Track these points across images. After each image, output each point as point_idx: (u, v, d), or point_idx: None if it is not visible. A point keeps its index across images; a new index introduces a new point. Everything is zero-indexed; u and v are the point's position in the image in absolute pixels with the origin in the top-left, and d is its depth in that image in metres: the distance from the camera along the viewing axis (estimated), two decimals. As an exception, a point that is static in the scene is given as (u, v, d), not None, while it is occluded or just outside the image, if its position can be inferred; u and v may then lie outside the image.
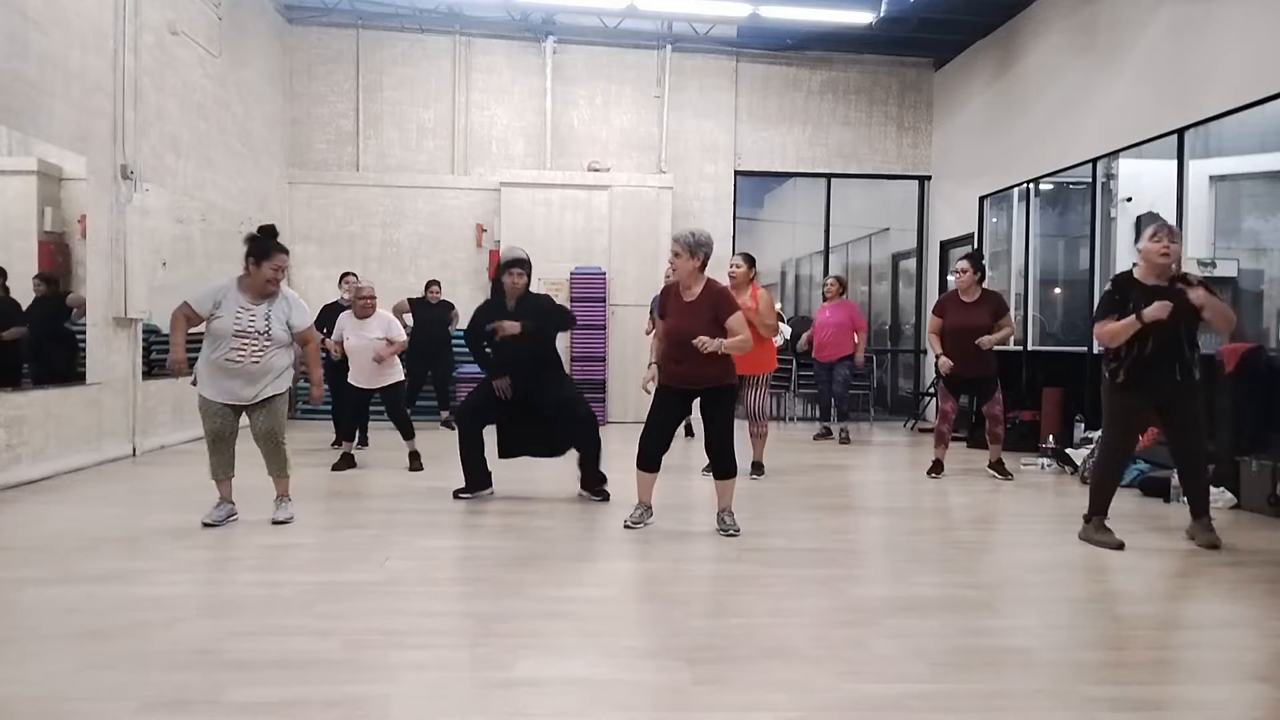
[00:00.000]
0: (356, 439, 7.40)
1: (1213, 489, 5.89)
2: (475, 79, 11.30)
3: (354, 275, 8.67)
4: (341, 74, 11.11)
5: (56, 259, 6.59)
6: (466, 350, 9.87)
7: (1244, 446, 5.90)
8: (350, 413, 7.22)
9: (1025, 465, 7.29)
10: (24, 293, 6.26)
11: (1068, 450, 7.39)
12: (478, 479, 5.73)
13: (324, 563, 4.22)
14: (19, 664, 2.88)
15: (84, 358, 6.76)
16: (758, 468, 6.79)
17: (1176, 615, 3.80)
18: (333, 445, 7.77)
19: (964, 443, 9.17)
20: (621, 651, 3.07)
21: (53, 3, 6.27)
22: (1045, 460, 7.42)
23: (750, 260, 6.79)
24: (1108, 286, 4.80)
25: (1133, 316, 4.51)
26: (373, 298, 6.95)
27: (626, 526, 4.93)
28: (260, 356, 4.76)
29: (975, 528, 5.37)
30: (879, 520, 5.07)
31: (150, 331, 7.82)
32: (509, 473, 6.06)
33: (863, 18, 9.92)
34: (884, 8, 9.66)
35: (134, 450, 7.35)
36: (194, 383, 4.88)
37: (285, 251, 4.88)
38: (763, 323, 6.56)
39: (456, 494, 5.70)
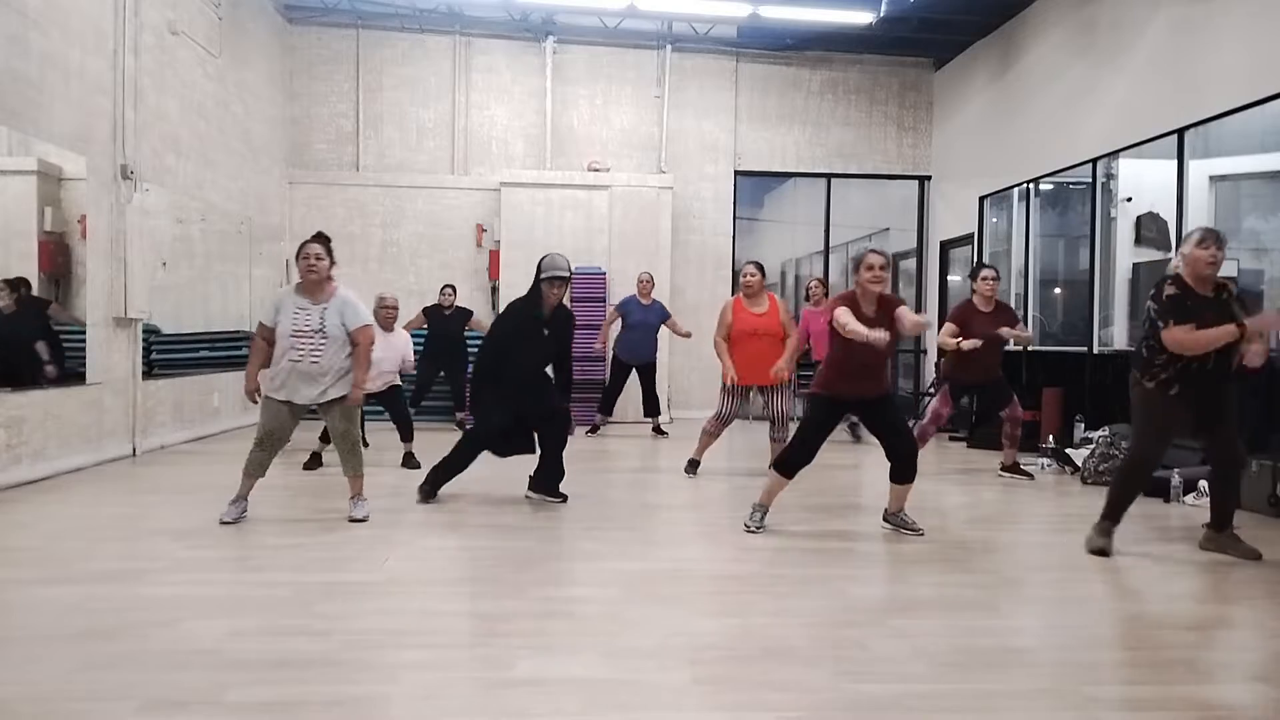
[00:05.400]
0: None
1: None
2: (475, 79, 11.30)
3: (452, 288, 9.39)
4: (341, 74, 11.11)
5: (56, 259, 6.59)
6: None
7: (1244, 446, 5.89)
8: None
9: (1025, 465, 7.28)
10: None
11: (1068, 450, 7.40)
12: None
13: (324, 563, 4.22)
14: (19, 664, 2.88)
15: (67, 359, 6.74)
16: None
17: (1176, 615, 3.79)
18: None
19: (964, 443, 9.17)
20: (621, 651, 3.07)
21: (53, 3, 6.27)
22: (1045, 460, 7.43)
23: (762, 269, 6.82)
24: (1172, 290, 4.47)
25: (1232, 327, 4.30)
26: (395, 309, 7.02)
27: (749, 529, 4.88)
28: (319, 356, 4.87)
29: (975, 528, 5.36)
30: (879, 520, 5.07)
31: (150, 332, 7.82)
32: (507, 472, 6.05)
33: (863, 18, 9.92)
34: (884, 8, 9.66)
35: (134, 450, 7.35)
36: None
37: (317, 241, 4.98)
38: (788, 331, 6.68)
39: (425, 494, 5.64)
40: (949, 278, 11.69)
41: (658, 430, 9.55)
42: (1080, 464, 6.97)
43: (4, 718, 2.51)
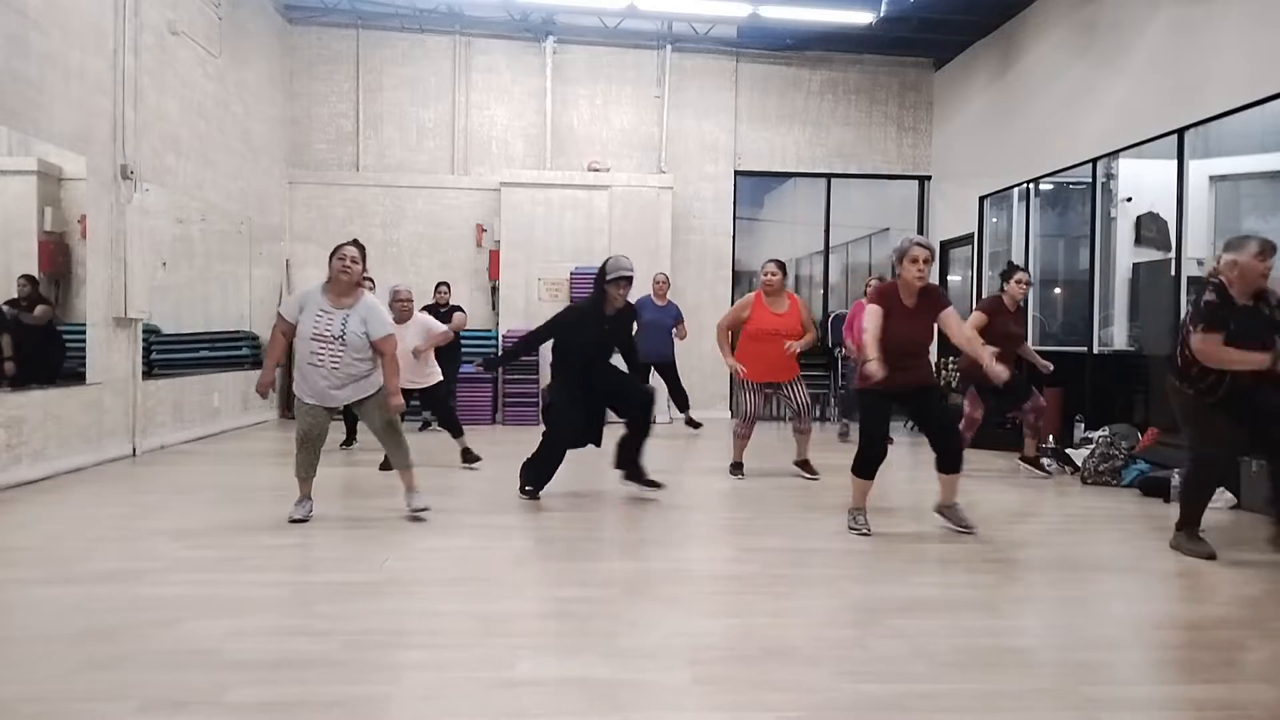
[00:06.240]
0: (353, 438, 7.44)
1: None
2: (475, 79, 11.30)
3: (446, 285, 9.30)
4: (341, 74, 11.11)
5: (56, 259, 6.59)
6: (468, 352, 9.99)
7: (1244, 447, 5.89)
8: None
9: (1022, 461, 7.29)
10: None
11: (1068, 450, 7.39)
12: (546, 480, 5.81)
13: (324, 563, 4.23)
14: (19, 664, 2.88)
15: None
16: (806, 465, 6.79)
17: (1176, 615, 3.79)
18: (342, 446, 7.81)
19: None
20: (621, 651, 3.07)
21: (53, 3, 6.27)
22: (1045, 460, 7.42)
23: (784, 266, 6.81)
24: (1212, 296, 4.42)
25: (1261, 358, 4.29)
26: (410, 301, 6.96)
27: (862, 533, 4.85)
28: (337, 362, 4.85)
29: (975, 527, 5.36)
30: (879, 520, 5.06)
31: (150, 332, 7.82)
32: (506, 473, 6.06)
33: (863, 18, 9.91)
34: (884, 8, 9.65)
35: (134, 450, 7.35)
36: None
37: (354, 246, 4.97)
38: (808, 329, 6.70)
39: (529, 493, 5.74)
40: (949, 278, 11.69)
41: (691, 422, 9.58)
42: (1080, 464, 6.97)
43: (4, 718, 2.51)
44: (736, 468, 6.83)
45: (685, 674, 2.87)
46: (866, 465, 4.89)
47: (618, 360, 6.05)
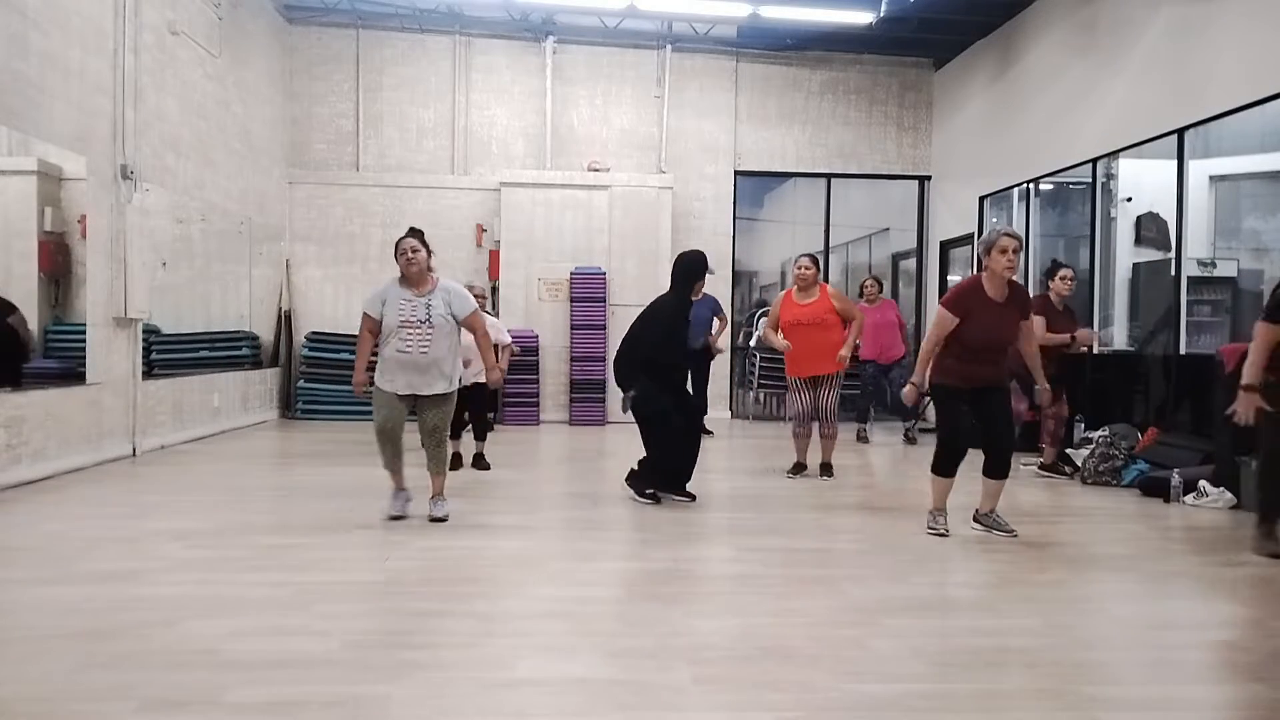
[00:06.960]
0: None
1: (1212, 489, 5.92)
2: (475, 79, 11.30)
3: (480, 287, 9.11)
4: (341, 74, 11.10)
5: (56, 259, 6.59)
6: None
7: (1244, 446, 5.89)
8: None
9: (1025, 465, 7.28)
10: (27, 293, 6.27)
11: (1068, 450, 7.39)
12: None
13: (324, 563, 4.22)
14: (19, 664, 2.88)
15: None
16: (827, 469, 6.82)
17: (1176, 615, 3.80)
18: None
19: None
20: (621, 651, 3.07)
21: (53, 3, 6.27)
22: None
23: (817, 261, 6.86)
24: None
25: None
26: (484, 299, 7.05)
27: (940, 534, 4.83)
28: (427, 345, 4.91)
29: (976, 528, 5.35)
30: (879, 520, 5.07)
31: (150, 331, 7.82)
32: (506, 474, 6.07)
33: (863, 18, 9.92)
34: (884, 8, 9.65)
35: (134, 450, 7.35)
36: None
37: (412, 235, 5.09)
38: (850, 316, 6.72)
39: (652, 496, 5.75)
40: (949, 277, 11.69)
41: (703, 429, 9.57)
42: (1080, 464, 6.97)
43: (4, 718, 2.51)
44: (799, 468, 6.85)
45: (685, 674, 2.87)
46: (947, 462, 4.83)
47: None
